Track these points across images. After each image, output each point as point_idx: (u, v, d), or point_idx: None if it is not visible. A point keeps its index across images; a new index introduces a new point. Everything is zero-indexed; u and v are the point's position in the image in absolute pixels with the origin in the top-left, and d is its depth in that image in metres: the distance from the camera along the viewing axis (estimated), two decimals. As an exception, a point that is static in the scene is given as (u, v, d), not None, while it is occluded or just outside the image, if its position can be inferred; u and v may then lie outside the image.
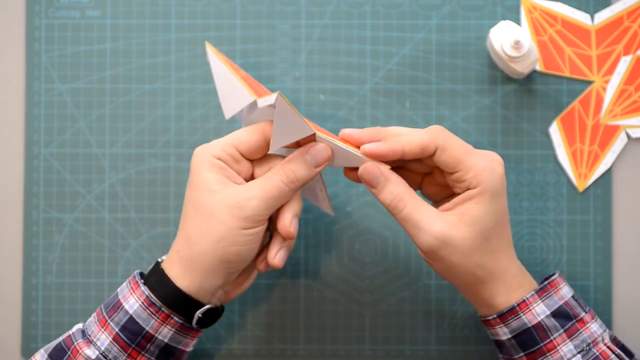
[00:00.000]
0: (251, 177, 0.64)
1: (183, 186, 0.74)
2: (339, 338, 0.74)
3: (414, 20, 0.75)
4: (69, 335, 0.65)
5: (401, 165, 0.65)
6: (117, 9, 0.75)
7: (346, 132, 0.63)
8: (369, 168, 0.62)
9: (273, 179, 0.62)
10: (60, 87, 0.75)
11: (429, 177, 0.65)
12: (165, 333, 0.63)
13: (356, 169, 0.63)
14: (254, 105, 0.64)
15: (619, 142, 0.74)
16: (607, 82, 0.74)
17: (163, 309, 0.63)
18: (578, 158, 0.74)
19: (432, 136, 0.61)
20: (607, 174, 0.74)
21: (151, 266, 0.65)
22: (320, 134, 0.62)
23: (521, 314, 0.63)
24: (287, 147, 0.64)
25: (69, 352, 0.63)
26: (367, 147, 0.62)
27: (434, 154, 0.61)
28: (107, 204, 0.75)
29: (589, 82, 0.74)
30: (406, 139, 0.62)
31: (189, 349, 0.66)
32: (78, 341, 0.64)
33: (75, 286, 0.74)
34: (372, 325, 0.74)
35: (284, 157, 0.64)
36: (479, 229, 0.61)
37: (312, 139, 0.62)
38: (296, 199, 0.64)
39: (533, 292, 0.63)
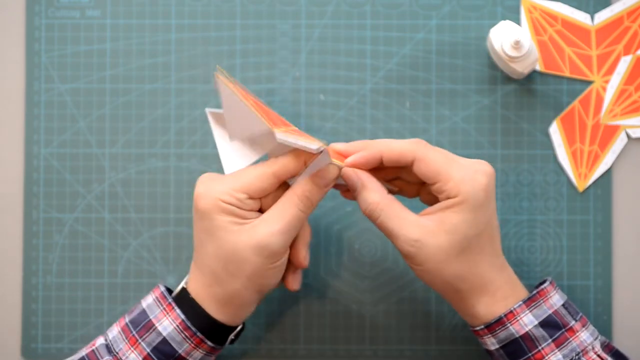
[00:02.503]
0: (259, 207, 0.64)
1: (183, 186, 0.74)
2: (339, 338, 0.74)
3: (414, 20, 0.75)
4: (93, 350, 0.64)
5: (397, 177, 0.66)
6: (117, 9, 0.75)
7: (336, 147, 0.64)
8: (347, 172, 0.63)
9: (289, 209, 0.62)
10: (60, 87, 0.75)
11: (424, 186, 0.65)
12: (196, 355, 0.64)
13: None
14: (269, 135, 0.62)
15: (619, 142, 0.74)
16: (607, 82, 0.74)
17: (198, 334, 0.63)
18: (578, 158, 0.74)
19: (412, 147, 0.62)
20: (607, 174, 0.74)
21: (177, 290, 0.65)
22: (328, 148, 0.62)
23: (508, 325, 0.62)
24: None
25: None
26: (349, 160, 0.63)
27: (412, 164, 0.62)
28: (107, 204, 0.75)
29: (589, 82, 0.74)
30: (385, 144, 0.63)
31: None
32: (105, 358, 0.63)
33: (75, 286, 0.74)
34: (372, 325, 0.74)
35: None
36: (457, 238, 0.61)
37: (311, 153, 0.62)
38: (306, 226, 0.65)
39: (521, 302, 0.63)
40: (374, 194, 0.62)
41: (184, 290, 0.65)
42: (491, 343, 0.64)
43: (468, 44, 0.75)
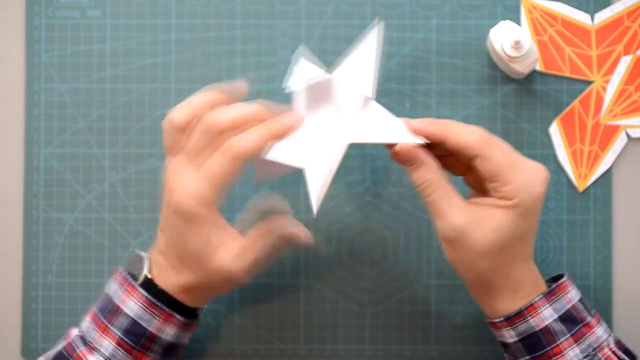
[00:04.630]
0: None
1: (183, 186, 0.74)
2: (339, 338, 0.74)
3: (414, 20, 0.75)
4: (69, 343, 0.64)
5: (450, 154, 0.65)
6: (117, 9, 0.75)
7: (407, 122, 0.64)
8: (407, 148, 0.63)
9: (254, 252, 0.64)
10: (60, 87, 0.75)
11: (472, 169, 0.65)
12: (168, 332, 0.64)
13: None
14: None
15: (619, 142, 0.74)
16: (607, 82, 0.74)
17: (165, 308, 0.63)
18: (578, 158, 0.74)
19: (478, 143, 0.62)
20: (607, 174, 0.74)
21: (141, 279, 0.65)
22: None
23: (529, 318, 0.63)
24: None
25: None
26: (414, 123, 0.63)
27: (474, 159, 0.62)
28: (107, 204, 0.75)
29: (589, 82, 0.74)
30: (454, 130, 0.62)
31: (188, 342, 0.67)
32: (80, 348, 0.63)
33: (75, 286, 0.74)
34: (372, 325, 0.74)
35: None
36: (498, 237, 0.61)
37: None
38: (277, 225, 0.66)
39: (541, 296, 0.63)
40: (431, 172, 0.62)
41: (147, 278, 0.65)
42: (510, 336, 0.64)
43: (468, 44, 0.75)
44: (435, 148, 0.63)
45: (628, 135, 0.74)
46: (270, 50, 0.75)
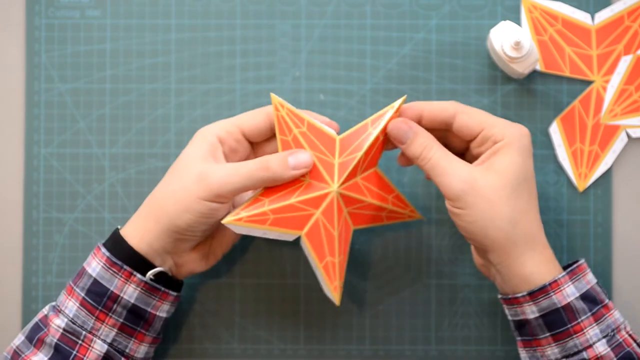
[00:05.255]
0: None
1: (183, 186, 0.74)
2: (339, 338, 0.74)
3: (414, 20, 0.75)
4: (43, 313, 0.66)
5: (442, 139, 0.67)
6: (117, 9, 0.75)
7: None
8: (398, 124, 0.65)
9: (248, 163, 0.64)
10: (60, 87, 0.75)
11: (465, 156, 0.67)
12: (130, 292, 0.64)
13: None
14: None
15: (619, 142, 0.74)
16: (607, 81, 0.74)
17: (125, 267, 0.64)
18: (578, 158, 0.74)
19: (453, 104, 0.65)
20: (607, 174, 0.74)
21: (111, 233, 0.67)
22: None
23: (552, 294, 0.63)
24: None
25: (45, 328, 0.65)
26: (391, 123, 0.66)
27: (454, 120, 0.65)
28: (107, 204, 0.75)
29: (589, 82, 0.74)
30: (427, 102, 0.66)
31: (162, 314, 0.67)
32: (49, 314, 0.65)
33: (75, 286, 0.74)
34: (372, 325, 0.74)
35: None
36: (507, 178, 0.63)
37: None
38: None
39: (564, 273, 0.63)
40: (427, 138, 0.65)
41: (116, 229, 0.66)
42: (531, 311, 0.64)
43: (468, 44, 0.75)
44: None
45: (628, 135, 0.74)
46: (270, 50, 0.75)
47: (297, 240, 0.66)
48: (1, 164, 0.75)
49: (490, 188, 0.62)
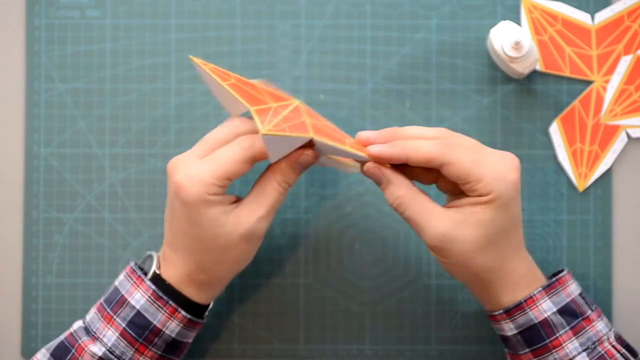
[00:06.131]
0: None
1: (183, 186, 0.74)
2: (339, 338, 0.74)
3: (414, 20, 0.75)
4: (71, 333, 0.65)
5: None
6: (117, 9, 0.75)
7: (363, 135, 0.63)
8: (371, 169, 0.63)
9: (271, 194, 0.63)
10: (60, 87, 0.75)
11: (442, 175, 0.65)
12: (172, 327, 0.64)
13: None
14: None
15: (619, 142, 0.74)
16: (607, 81, 0.74)
17: (170, 302, 0.63)
18: (578, 158, 0.74)
19: (439, 151, 0.61)
20: (607, 174, 0.74)
21: (151, 273, 0.65)
22: (318, 137, 0.61)
23: (527, 310, 0.63)
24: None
25: (74, 350, 0.63)
26: (372, 149, 0.62)
27: (441, 168, 0.62)
28: (107, 204, 0.75)
29: (589, 82, 0.74)
30: (413, 145, 0.62)
31: (191, 340, 0.67)
32: (82, 339, 0.64)
33: (75, 286, 0.74)
34: (372, 325, 0.74)
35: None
36: (483, 232, 0.61)
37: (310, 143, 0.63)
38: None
39: (540, 289, 0.63)
40: (400, 188, 0.62)
41: (155, 274, 0.65)
42: (509, 328, 0.64)
43: (468, 44, 0.75)
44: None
45: (628, 135, 0.74)
46: (270, 50, 0.75)
47: (298, 240, 0.66)
48: (1, 164, 0.75)
49: (467, 243, 0.61)
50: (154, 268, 0.65)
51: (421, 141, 0.62)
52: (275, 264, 0.74)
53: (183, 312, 0.64)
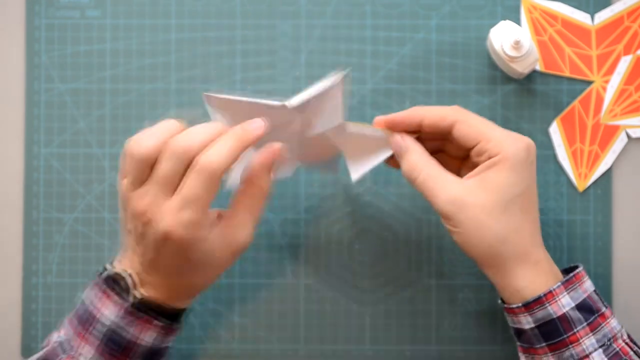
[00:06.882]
0: None
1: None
2: (339, 338, 0.74)
3: (414, 20, 0.75)
4: (52, 349, 0.64)
5: (440, 149, 0.67)
6: (117, 9, 0.75)
7: (380, 119, 0.66)
8: (394, 139, 0.65)
9: (257, 206, 0.64)
10: (60, 87, 0.75)
11: (466, 161, 0.66)
12: (147, 337, 0.63)
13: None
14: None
15: (619, 142, 0.74)
16: (607, 82, 0.74)
17: (142, 315, 0.62)
18: (578, 158, 0.74)
19: (453, 110, 0.64)
20: (607, 174, 0.74)
21: (131, 297, 0.63)
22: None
23: (547, 305, 0.62)
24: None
25: None
26: (388, 115, 0.65)
27: (453, 128, 0.63)
28: (107, 204, 0.75)
29: (589, 82, 0.74)
30: (427, 108, 0.65)
31: (171, 344, 0.66)
32: (60, 356, 0.63)
33: (75, 286, 0.74)
34: (372, 325, 0.74)
35: None
36: (497, 197, 0.61)
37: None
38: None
39: (559, 283, 0.63)
40: (416, 155, 0.64)
41: (137, 298, 0.63)
42: (527, 322, 0.63)
43: (468, 44, 0.75)
44: (423, 143, 0.65)
45: (628, 135, 0.74)
46: (270, 50, 0.75)
47: (298, 240, 0.66)
48: (1, 164, 0.75)
49: (479, 207, 0.61)
50: (132, 292, 0.63)
51: (434, 106, 0.65)
52: (275, 264, 0.74)
53: (156, 322, 0.63)
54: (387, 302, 0.74)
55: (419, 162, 0.64)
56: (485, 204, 0.61)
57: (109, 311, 0.62)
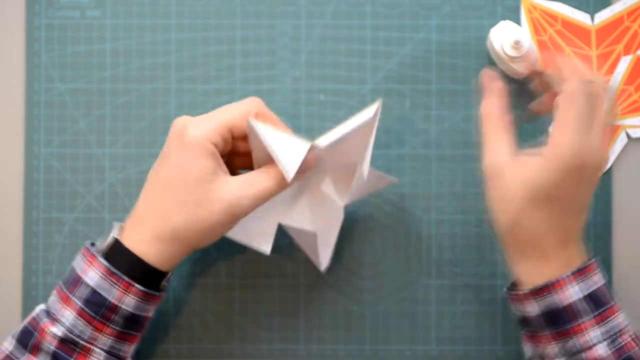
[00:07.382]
0: (230, 152, 0.67)
1: (183, 186, 0.74)
2: (339, 338, 0.74)
3: (414, 20, 0.75)
4: (33, 317, 0.65)
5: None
6: (117, 9, 0.75)
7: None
8: (487, 75, 0.68)
9: (265, 181, 0.64)
10: (60, 87, 0.75)
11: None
12: (128, 302, 0.64)
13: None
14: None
15: (619, 142, 0.74)
16: (607, 82, 0.74)
17: (124, 277, 0.63)
18: (578, 158, 0.74)
19: (565, 97, 0.64)
20: (607, 174, 0.74)
21: (108, 241, 0.65)
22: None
23: (554, 293, 0.63)
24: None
25: (36, 333, 0.64)
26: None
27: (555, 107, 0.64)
28: (107, 204, 0.75)
29: (589, 82, 0.74)
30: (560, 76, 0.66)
31: (152, 314, 0.67)
32: (43, 321, 0.64)
33: (75, 286, 0.74)
34: (372, 325, 0.74)
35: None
36: (529, 186, 0.62)
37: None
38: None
39: (569, 273, 0.63)
40: (492, 106, 0.67)
41: (113, 240, 0.65)
42: (532, 309, 0.64)
43: (468, 44, 0.75)
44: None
45: (628, 136, 0.74)
46: (270, 50, 0.75)
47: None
48: (1, 164, 0.75)
49: (514, 185, 0.63)
50: (112, 234, 0.65)
51: (568, 78, 0.65)
52: (275, 264, 0.74)
53: (137, 286, 0.64)
54: (387, 302, 0.74)
55: (492, 115, 0.66)
56: (519, 184, 0.63)
57: (93, 272, 0.63)
